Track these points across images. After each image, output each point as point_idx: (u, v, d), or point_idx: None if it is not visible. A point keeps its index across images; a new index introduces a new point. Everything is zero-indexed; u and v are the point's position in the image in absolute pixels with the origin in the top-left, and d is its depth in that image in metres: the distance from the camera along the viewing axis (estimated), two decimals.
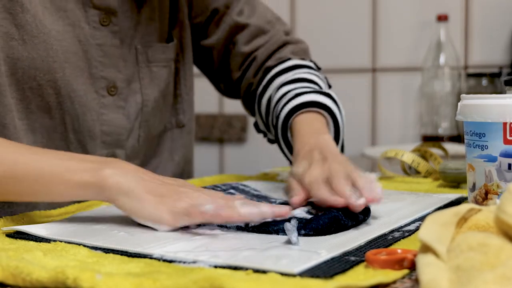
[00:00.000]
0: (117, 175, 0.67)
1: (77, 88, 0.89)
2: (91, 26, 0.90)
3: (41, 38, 0.85)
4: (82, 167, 0.68)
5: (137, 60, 0.97)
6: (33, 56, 0.84)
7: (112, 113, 0.93)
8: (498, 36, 1.81)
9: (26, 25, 0.83)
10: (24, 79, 0.85)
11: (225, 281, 0.44)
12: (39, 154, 0.71)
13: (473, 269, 0.42)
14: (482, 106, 0.66)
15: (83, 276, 0.47)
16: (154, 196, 0.66)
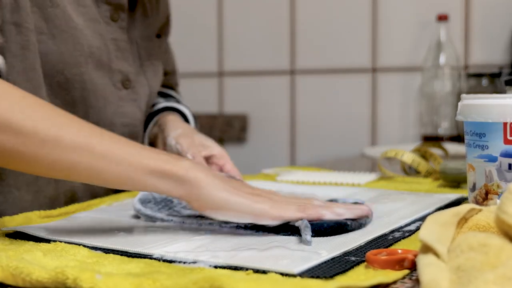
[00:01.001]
0: (197, 170, 0.63)
1: (98, 82, 0.91)
2: (104, 21, 0.92)
3: (69, 32, 0.86)
4: (159, 157, 0.63)
5: (139, 54, 1.00)
6: (62, 50, 0.85)
7: (128, 106, 0.96)
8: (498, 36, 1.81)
9: (56, 19, 0.84)
10: (52, 73, 0.85)
11: (225, 281, 0.44)
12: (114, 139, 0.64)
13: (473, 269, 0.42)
14: (482, 106, 0.66)
15: (83, 276, 0.47)
16: (245, 193, 0.64)
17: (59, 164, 0.61)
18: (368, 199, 0.82)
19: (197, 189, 0.62)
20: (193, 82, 2.12)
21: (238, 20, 2.08)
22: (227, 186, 0.63)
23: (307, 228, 0.60)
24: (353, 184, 0.99)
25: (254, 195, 0.64)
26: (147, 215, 0.71)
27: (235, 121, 2.09)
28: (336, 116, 1.96)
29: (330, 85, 1.97)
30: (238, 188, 0.64)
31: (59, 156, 0.61)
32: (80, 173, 0.62)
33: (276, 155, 2.03)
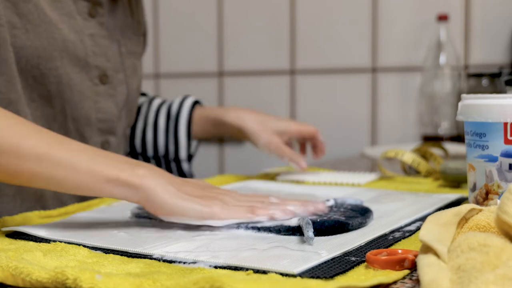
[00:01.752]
0: (151, 177, 0.65)
1: (74, 77, 0.91)
2: (82, 17, 0.93)
3: (43, 27, 0.86)
4: (116, 165, 0.65)
5: (120, 52, 1.00)
6: (36, 45, 0.86)
7: (105, 101, 0.97)
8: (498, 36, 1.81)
9: (29, 14, 0.85)
10: (27, 68, 0.86)
11: (225, 282, 0.44)
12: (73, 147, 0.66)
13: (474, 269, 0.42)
14: (482, 106, 0.66)
15: (83, 277, 0.47)
16: (197, 197, 0.66)
17: (20, 173, 0.64)
18: (368, 199, 0.82)
19: (151, 196, 0.64)
20: (193, 82, 2.12)
21: (238, 20, 2.08)
22: (179, 192, 0.65)
23: (308, 225, 0.60)
24: (353, 184, 0.99)
25: (205, 199, 0.66)
26: (146, 216, 0.71)
27: None
28: (336, 116, 1.96)
29: (330, 85, 1.97)
30: (189, 193, 0.66)
31: (19, 165, 0.63)
32: (40, 182, 0.64)
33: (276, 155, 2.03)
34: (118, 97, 1.00)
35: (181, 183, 0.67)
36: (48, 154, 0.63)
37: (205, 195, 0.67)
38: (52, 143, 0.65)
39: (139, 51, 1.07)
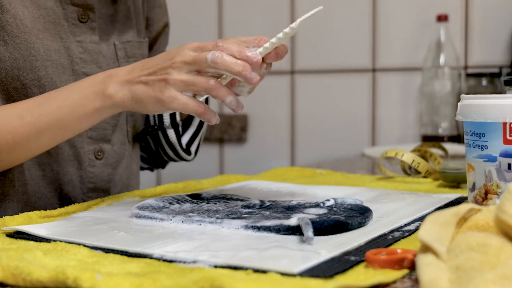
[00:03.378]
0: (119, 89, 0.76)
1: (60, 86, 0.89)
2: (70, 23, 0.91)
3: (22, 37, 0.85)
4: (86, 97, 0.77)
5: (117, 56, 0.98)
6: (15, 56, 0.85)
7: None
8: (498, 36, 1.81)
9: (7, 25, 0.84)
10: (7, 79, 0.85)
11: (225, 281, 0.44)
12: (41, 105, 0.79)
13: (473, 269, 0.42)
14: (482, 106, 0.66)
15: (83, 276, 0.47)
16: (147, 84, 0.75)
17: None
18: (368, 199, 0.82)
19: (129, 105, 0.77)
20: None
21: (238, 20, 2.08)
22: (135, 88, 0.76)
23: (308, 225, 0.60)
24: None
25: (151, 83, 0.75)
26: (146, 216, 0.71)
27: (235, 121, 2.09)
28: (336, 116, 1.96)
29: (330, 85, 1.97)
30: (143, 81, 0.76)
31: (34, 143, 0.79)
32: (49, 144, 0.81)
33: (276, 155, 2.03)
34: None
35: (134, 76, 0.76)
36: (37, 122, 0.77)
37: (151, 79, 0.75)
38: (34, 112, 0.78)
39: (142, 53, 1.04)
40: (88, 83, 0.79)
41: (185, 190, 0.93)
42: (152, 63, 0.77)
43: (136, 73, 0.76)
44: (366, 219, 0.67)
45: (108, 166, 0.97)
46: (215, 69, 0.73)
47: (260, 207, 0.74)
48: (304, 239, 0.59)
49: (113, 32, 0.98)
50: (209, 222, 0.67)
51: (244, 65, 0.73)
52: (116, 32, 0.98)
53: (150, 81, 0.75)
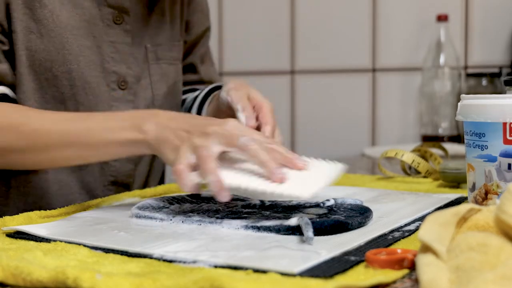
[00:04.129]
0: (155, 130, 0.74)
1: (90, 80, 0.93)
2: (105, 23, 0.95)
3: (57, 31, 0.90)
4: (122, 125, 0.76)
5: (147, 58, 1.01)
6: (49, 49, 0.90)
7: (122, 106, 0.98)
8: (498, 36, 1.81)
9: (44, 19, 0.89)
10: (40, 70, 0.90)
11: (225, 281, 0.44)
12: (78, 120, 0.80)
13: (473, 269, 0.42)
14: (482, 106, 0.66)
15: (83, 276, 0.47)
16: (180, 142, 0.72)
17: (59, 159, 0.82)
18: (368, 199, 0.82)
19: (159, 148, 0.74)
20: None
21: (238, 20, 2.08)
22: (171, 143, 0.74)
23: (308, 225, 0.60)
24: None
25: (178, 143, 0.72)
26: (146, 216, 0.71)
27: None
28: (336, 116, 1.96)
29: (330, 85, 1.97)
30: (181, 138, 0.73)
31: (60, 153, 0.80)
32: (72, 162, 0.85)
33: None
34: (139, 103, 1.00)
35: (177, 131, 0.73)
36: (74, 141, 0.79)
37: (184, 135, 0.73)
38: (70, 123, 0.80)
39: (174, 56, 1.06)
40: (130, 115, 0.79)
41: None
42: (192, 122, 0.75)
43: (175, 124, 0.74)
44: (366, 219, 0.67)
45: (130, 161, 1.00)
46: (243, 152, 0.70)
47: (260, 207, 0.74)
48: (304, 239, 0.59)
49: (146, 34, 1.01)
50: (209, 222, 0.67)
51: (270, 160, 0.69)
52: (148, 35, 1.01)
53: (181, 136, 0.73)
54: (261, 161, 0.68)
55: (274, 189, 0.66)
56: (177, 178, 0.69)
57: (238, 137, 0.69)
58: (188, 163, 0.69)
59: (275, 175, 0.67)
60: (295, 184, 0.67)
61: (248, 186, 0.66)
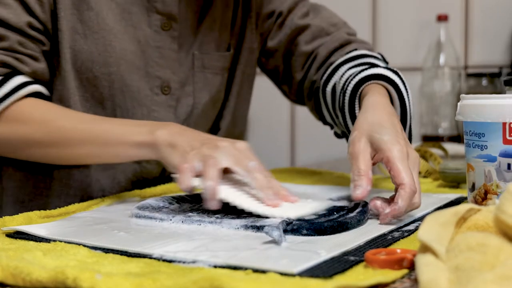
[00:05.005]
0: (167, 135, 0.78)
1: (130, 84, 0.95)
2: (152, 29, 0.96)
3: (100, 34, 0.93)
4: (138, 130, 0.81)
5: (193, 65, 1.02)
6: (91, 50, 0.93)
7: (163, 111, 0.98)
8: (498, 36, 1.81)
9: (89, 21, 0.92)
10: (82, 69, 0.93)
11: (225, 281, 0.44)
12: (101, 122, 0.85)
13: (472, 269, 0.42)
14: (481, 106, 0.66)
15: (83, 276, 0.47)
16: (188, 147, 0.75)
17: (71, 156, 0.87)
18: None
19: (164, 153, 0.78)
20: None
21: None
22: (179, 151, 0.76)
23: (272, 231, 0.59)
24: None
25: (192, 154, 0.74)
26: (146, 216, 0.71)
27: None
28: None
29: None
30: (189, 149, 0.75)
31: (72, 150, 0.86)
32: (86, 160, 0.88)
33: (276, 155, 2.03)
34: (181, 109, 1.01)
35: (190, 140, 0.76)
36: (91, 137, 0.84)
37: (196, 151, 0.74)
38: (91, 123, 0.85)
39: (220, 66, 1.05)
40: (148, 122, 0.84)
41: None
42: (204, 136, 0.79)
43: (189, 134, 0.78)
44: (364, 214, 0.67)
45: (161, 164, 0.99)
46: (246, 175, 0.72)
47: None
48: (277, 241, 0.59)
49: (195, 42, 1.01)
50: (209, 222, 0.67)
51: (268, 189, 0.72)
52: (197, 42, 1.01)
53: (192, 145, 0.76)
54: (261, 186, 0.71)
55: (263, 211, 0.68)
56: (178, 175, 0.72)
57: (247, 160, 0.73)
58: (193, 166, 0.72)
59: (270, 200, 0.70)
60: (283, 210, 0.69)
61: (240, 204, 0.69)
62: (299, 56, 1.07)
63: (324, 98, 0.99)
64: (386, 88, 0.86)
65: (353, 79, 0.88)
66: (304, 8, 1.08)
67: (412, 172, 0.69)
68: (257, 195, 0.71)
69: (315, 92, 1.05)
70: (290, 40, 1.07)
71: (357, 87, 0.87)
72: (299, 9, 1.08)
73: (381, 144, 0.71)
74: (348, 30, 1.07)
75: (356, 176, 0.70)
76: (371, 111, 0.77)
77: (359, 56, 0.97)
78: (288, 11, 1.08)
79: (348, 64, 0.96)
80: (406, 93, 0.87)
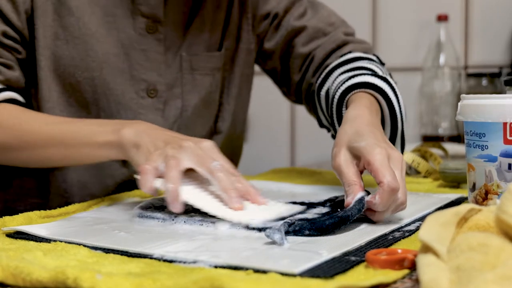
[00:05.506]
0: (132, 134, 0.77)
1: (114, 87, 0.95)
2: (137, 32, 0.96)
3: (82, 39, 0.93)
4: (103, 129, 0.80)
5: (181, 67, 1.00)
6: (73, 55, 0.93)
7: (150, 114, 0.97)
8: (498, 36, 1.81)
9: (70, 26, 0.92)
10: (64, 75, 0.93)
11: (225, 281, 0.44)
12: (66, 123, 0.85)
13: (473, 269, 0.42)
14: (482, 106, 0.66)
15: (83, 276, 0.47)
16: (151, 147, 0.75)
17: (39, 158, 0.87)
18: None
19: (130, 152, 0.77)
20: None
21: None
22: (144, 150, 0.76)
23: (274, 234, 0.59)
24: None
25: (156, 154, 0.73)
26: (148, 215, 0.71)
27: None
28: None
29: None
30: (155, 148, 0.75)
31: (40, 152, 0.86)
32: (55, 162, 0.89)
33: (276, 155, 2.03)
34: (169, 111, 1.00)
35: (154, 140, 0.76)
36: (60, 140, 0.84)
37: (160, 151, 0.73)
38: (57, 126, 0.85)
39: (210, 67, 1.04)
40: (115, 121, 0.84)
41: None
42: (171, 135, 0.78)
43: (154, 133, 0.78)
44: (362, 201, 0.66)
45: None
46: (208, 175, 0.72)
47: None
48: (279, 244, 0.59)
49: (183, 43, 1.00)
50: (211, 222, 0.67)
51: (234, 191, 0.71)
52: (185, 44, 1.00)
53: (157, 144, 0.75)
54: (224, 187, 0.70)
55: (225, 215, 0.67)
56: (140, 176, 0.71)
57: (210, 160, 0.72)
58: (156, 167, 0.71)
59: (233, 202, 0.69)
60: (247, 214, 0.68)
61: (203, 207, 0.68)
62: (296, 58, 1.06)
63: (319, 102, 0.99)
64: (375, 95, 0.86)
65: (340, 86, 0.89)
66: (301, 8, 1.07)
67: (394, 171, 0.68)
68: (221, 196, 0.70)
69: (312, 95, 1.05)
70: (287, 42, 1.06)
71: (344, 96, 0.87)
72: (295, 9, 1.06)
73: (360, 150, 0.71)
74: (346, 30, 1.06)
75: (347, 187, 0.69)
76: (349, 123, 0.77)
77: (353, 59, 0.97)
78: (284, 11, 1.06)
79: (341, 68, 0.96)
80: (396, 98, 0.87)
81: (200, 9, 1.01)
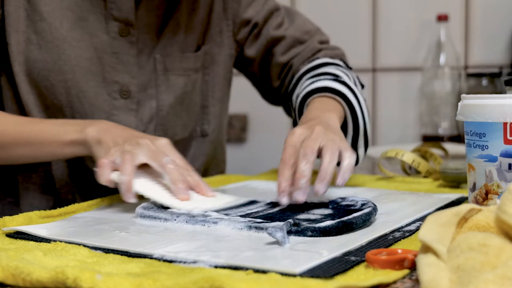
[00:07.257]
0: (95, 132, 0.84)
1: (87, 90, 0.97)
2: (110, 36, 0.98)
3: (54, 43, 0.95)
4: (70, 129, 0.86)
5: (155, 68, 1.02)
6: (46, 59, 0.95)
7: (123, 115, 0.99)
8: (498, 36, 1.81)
9: (42, 31, 0.95)
10: (39, 78, 0.96)
11: (225, 281, 0.44)
12: (34, 123, 0.90)
13: (473, 269, 0.42)
14: (482, 106, 0.66)
15: (83, 276, 0.47)
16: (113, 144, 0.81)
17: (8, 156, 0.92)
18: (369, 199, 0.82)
19: (92, 147, 0.84)
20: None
21: None
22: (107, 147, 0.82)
23: (276, 232, 0.59)
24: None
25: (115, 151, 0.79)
26: (150, 215, 0.71)
27: (235, 121, 2.09)
28: None
29: None
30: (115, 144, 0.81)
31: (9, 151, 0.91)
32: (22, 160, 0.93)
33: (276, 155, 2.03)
34: (144, 112, 1.01)
35: (115, 137, 0.82)
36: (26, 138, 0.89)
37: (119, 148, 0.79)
38: (25, 126, 0.90)
39: (185, 67, 1.05)
40: (80, 121, 0.89)
41: None
42: (131, 133, 0.84)
43: (115, 131, 0.84)
44: (370, 215, 0.67)
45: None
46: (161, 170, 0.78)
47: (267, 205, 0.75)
48: (280, 243, 0.59)
49: (157, 45, 1.02)
50: (213, 222, 0.67)
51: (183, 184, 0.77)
52: (159, 46, 1.02)
53: (116, 141, 0.82)
54: (173, 179, 0.77)
55: (172, 204, 0.74)
56: (98, 169, 0.77)
57: (163, 156, 0.79)
58: (113, 161, 0.77)
59: (180, 193, 0.76)
60: (193, 203, 0.75)
61: (152, 196, 0.75)
62: (275, 66, 1.12)
63: (293, 107, 1.05)
64: (335, 98, 0.94)
65: (303, 91, 0.97)
66: (279, 18, 1.12)
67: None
68: (170, 187, 0.77)
69: (287, 99, 1.13)
70: (266, 50, 1.12)
71: (304, 101, 0.96)
72: (274, 19, 1.12)
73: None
74: (321, 38, 1.15)
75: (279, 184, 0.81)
76: (298, 127, 0.84)
77: (320, 65, 1.05)
78: (264, 21, 1.11)
79: (308, 74, 1.04)
80: (356, 100, 0.94)
81: (174, 12, 1.03)
